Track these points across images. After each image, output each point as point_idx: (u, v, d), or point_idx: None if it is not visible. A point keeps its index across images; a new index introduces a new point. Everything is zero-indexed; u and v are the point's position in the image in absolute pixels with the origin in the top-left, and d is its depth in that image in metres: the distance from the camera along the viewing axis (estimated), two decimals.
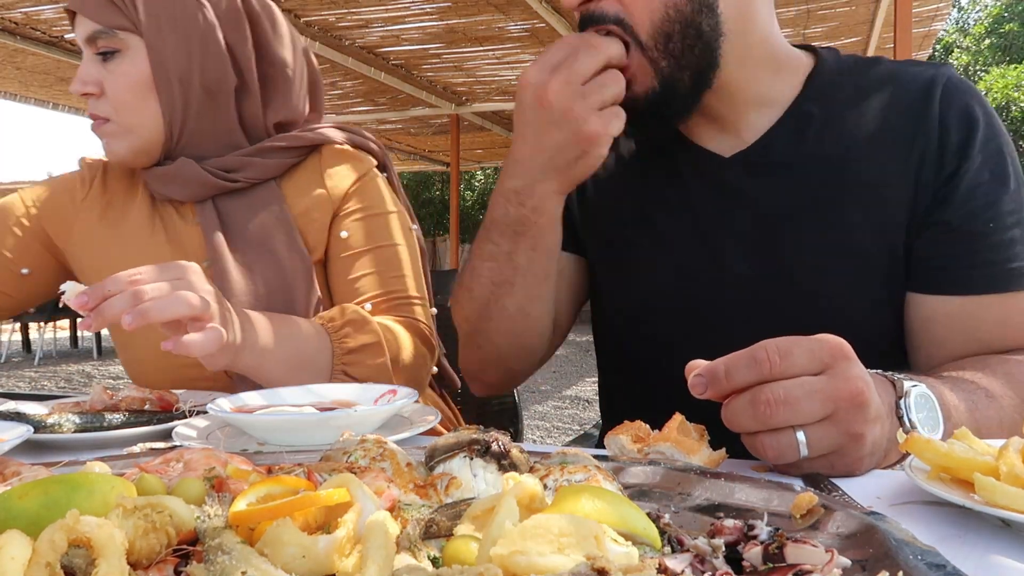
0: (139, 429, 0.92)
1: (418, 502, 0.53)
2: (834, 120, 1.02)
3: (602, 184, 1.17)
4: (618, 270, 1.14)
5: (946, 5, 6.36)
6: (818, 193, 1.00)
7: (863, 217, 0.98)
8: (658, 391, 1.13)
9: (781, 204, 1.02)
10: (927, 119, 0.97)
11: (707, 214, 1.06)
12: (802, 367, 0.66)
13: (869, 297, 0.99)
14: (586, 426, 3.37)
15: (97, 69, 1.24)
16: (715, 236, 1.05)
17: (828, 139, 1.01)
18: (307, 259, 1.27)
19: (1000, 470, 0.56)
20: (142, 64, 1.24)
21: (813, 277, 0.99)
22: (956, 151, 0.96)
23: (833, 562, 0.41)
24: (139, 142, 1.27)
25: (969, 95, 0.99)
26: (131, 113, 1.25)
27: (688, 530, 0.50)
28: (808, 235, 1.00)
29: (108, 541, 0.38)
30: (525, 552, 0.39)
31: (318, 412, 0.90)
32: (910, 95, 1.00)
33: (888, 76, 1.03)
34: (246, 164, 1.30)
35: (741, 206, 1.04)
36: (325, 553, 0.41)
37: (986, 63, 18.92)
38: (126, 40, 1.23)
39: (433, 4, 6.18)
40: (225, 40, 1.29)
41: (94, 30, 1.23)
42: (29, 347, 10.23)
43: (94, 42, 1.23)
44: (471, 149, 12.69)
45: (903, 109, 0.99)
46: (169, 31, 1.24)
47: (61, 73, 7.75)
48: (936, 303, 0.97)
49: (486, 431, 0.60)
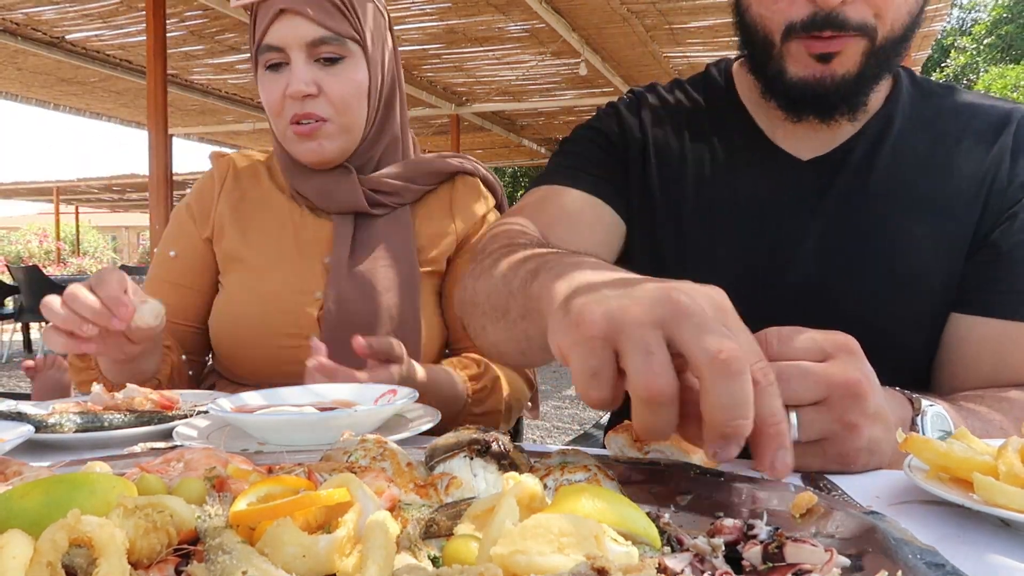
0: (140, 429, 0.92)
1: (418, 502, 0.53)
2: (911, 137, 1.03)
3: (671, 165, 1.12)
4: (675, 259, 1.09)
5: (946, 5, 6.35)
6: (887, 206, 1.00)
7: (928, 234, 0.99)
8: None
9: (850, 213, 1.01)
10: (1000, 149, 1.00)
11: (776, 214, 1.04)
12: (803, 353, 0.66)
13: (917, 316, 0.99)
14: (586, 426, 3.37)
15: (313, 72, 1.26)
16: (780, 238, 1.04)
17: (903, 155, 1.02)
18: (418, 277, 1.34)
19: (999, 470, 0.56)
20: (363, 71, 1.30)
21: (871, 289, 0.99)
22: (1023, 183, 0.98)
23: (832, 561, 0.42)
24: (349, 143, 1.33)
25: None
26: (352, 115, 1.30)
27: (688, 530, 0.50)
28: (871, 245, 1.00)
29: (109, 541, 0.38)
30: (525, 552, 0.39)
31: (318, 412, 0.90)
32: (986, 125, 1.02)
33: (965, 105, 1.05)
34: (398, 189, 1.37)
35: (810, 210, 1.03)
36: (325, 553, 0.41)
37: (985, 63, 18.91)
38: (350, 48, 1.28)
39: (433, 4, 6.18)
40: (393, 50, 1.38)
41: (322, 35, 1.25)
42: (30, 347, 10.22)
43: (317, 47, 1.26)
44: (471, 149, 12.69)
45: (978, 138, 1.01)
46: (375, 40, 1.32)
47: (62, 74, 7.75)
48: (972, 324, 0.97)
49: (486, 431, 0.60)
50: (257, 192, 1.42)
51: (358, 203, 1.34)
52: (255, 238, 1.37)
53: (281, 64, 1.28)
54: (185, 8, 5.99)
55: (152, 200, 5.07)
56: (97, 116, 9.63)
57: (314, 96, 1.26)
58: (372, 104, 1.33)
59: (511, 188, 18.19)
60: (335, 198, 1.35)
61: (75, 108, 9.26)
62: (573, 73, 7.83)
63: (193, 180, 19.64)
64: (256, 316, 1.31)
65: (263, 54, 1.28)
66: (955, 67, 19.55)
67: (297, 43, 1.25)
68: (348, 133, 1.32)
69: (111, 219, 33.64)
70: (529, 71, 8.06)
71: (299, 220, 1.38)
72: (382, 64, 1.34)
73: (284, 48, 1.26)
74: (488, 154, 13.43)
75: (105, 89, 8.37)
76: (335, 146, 1.31)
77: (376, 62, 1.32)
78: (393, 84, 1.39)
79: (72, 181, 17.59)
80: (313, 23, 1.24)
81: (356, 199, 1.34)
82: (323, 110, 1.27)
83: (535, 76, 8.30)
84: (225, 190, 1.42)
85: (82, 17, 6.32)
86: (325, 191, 1.35)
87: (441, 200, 1.42)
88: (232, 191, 1.41)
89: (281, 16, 1.25)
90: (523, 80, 8.47)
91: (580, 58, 7.15)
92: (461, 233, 1.40)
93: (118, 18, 6.35)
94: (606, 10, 6.24)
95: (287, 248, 1.35)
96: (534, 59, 7.58)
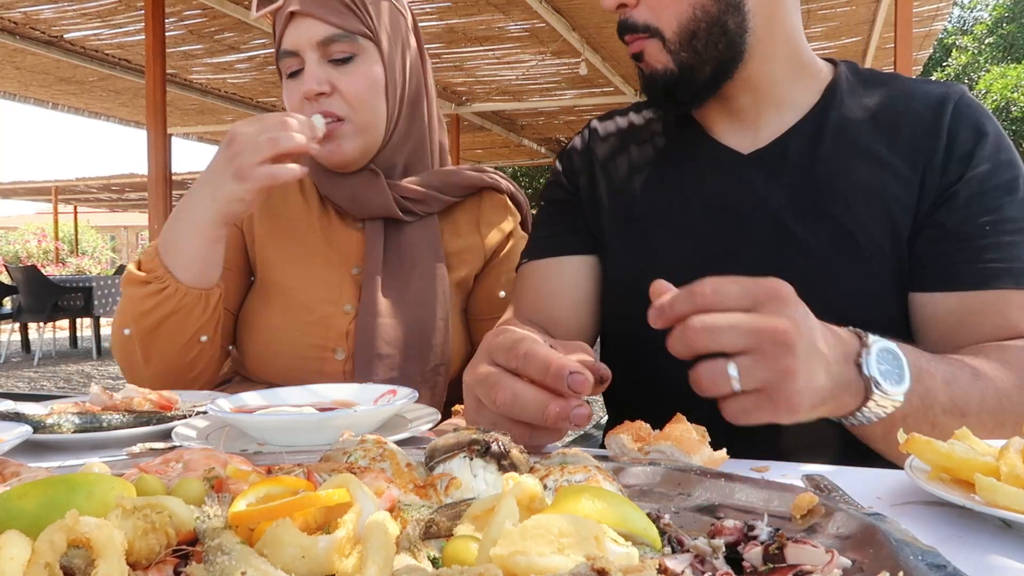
0: (139, 429, 0.92)
1: (418, 502, 0.53)
2: (849, 128, 1.05)
3: (620, 182, 1.18)
4: (633, 265, 1.14)
5: (946, 5, 6.36)
6: (828, 194, 1.03)
7: (870, 218, 1.01)
8: (663, 385, 1.13)
9: (793, 204, 1.04)
10: (937, 129, 1.01)
11: (722, 208, 1.08)
12: (734, 302, 0.69)
13: (877, 297, 1.00)
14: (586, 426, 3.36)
15: (326, 71, 1.26)
16: (730, 232, 1.07)
17: (842, 145, 1.04)
18: (448, 288, 1.33)
19: (1001, 470, 0.56)
20: (378, 68, 1.29)
21: (822, 275, 1.01)
22: (961, 159, 0.99)
23: (833, 562, 0.41)
24: (369, 142, 1.31)
25: (980, 112, 1.03)
26: (368, 112, 1.29)
27: (688, 530, 0.50)
28: (818, 233, 1.02)
29: (107, 541, 0.38)
30: (525, 552, 0.39)
31: (318, 412, 0.90)
32: (923, 108, 1.04)
33: (905, 91, 1.07)
34: (426, 197, 1.36)
35: (755, 203, 1.06)
36: (325, 553, 0.41)
37: (987, 62, 18.91)
38: (363, 45, 1.27)
39: (433, 4, 6.18)
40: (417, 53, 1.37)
41: (332, 34, 1.25)
42: (28, 347, 10.22)
43: (327, 46, 1.25)
44: (471, 149, 12.69)
45: (916, 120, 1.03)
46: (391, 38, 1.31)
47: (60, 73, 7.75)
48: (934, 301, 0.98)
49: (486, 431, 0.60)
50: (285, 198, 1.40)
51: (389, 208, 1.32)
52: (283, 245, 1.35)
53: (300, 71, 1.27)
54: (184, 7, 5.99)
55: (151, 200, 5.07)
56: (96, 115, 9.63)
57: (328, 95, 1.26)
58: (391, 103, 1.31)
59: None
60: (365, 203, 1.33)
61: (74, 107, 9.26)
62: (573, 73, 7.84)
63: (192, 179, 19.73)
64: (282, 326, 1.29)
65: (282, 61, 1.28)
66: (956, 66, 19.55)
67: (309, 44, 1.25)
68: (367, 132, 1.30)
69: (110, 219, 33.65)
70: (529, 71, 8.07)
71: (328, 228, 1.36)
72: (402, 63, 1.33)
73: (298, 51, 1.26)
74: (488, 154, 13.44)
75: (104, 88, 8.37)
76: (355, 146, 1.30)
77: (394, 60, 1.31)
78: (419, 87, 1.37)
79: (71, 181, 17.58)
80: (322, 22, 1.24)
81: (387, 204, 1.32)
82: (339, 108, 1.27)
83: (535, 76, 8.31)
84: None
85: (81, 16, 6.32)
86: (355, 196, 1.33)
87: (468, 214, 1.41)
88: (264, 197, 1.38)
89: (293, 20, 1.25)
90: (523, 80, 8.48)
91: (580, 58, 7.15)
92: (488, 249, 1.39)
93: (117, 17, 6.35)
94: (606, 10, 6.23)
95: (316, 257, 1.34)
96: (534, 59, 7.59)
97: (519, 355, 0.72)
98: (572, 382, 0.69)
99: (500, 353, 0.75)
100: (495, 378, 0.72)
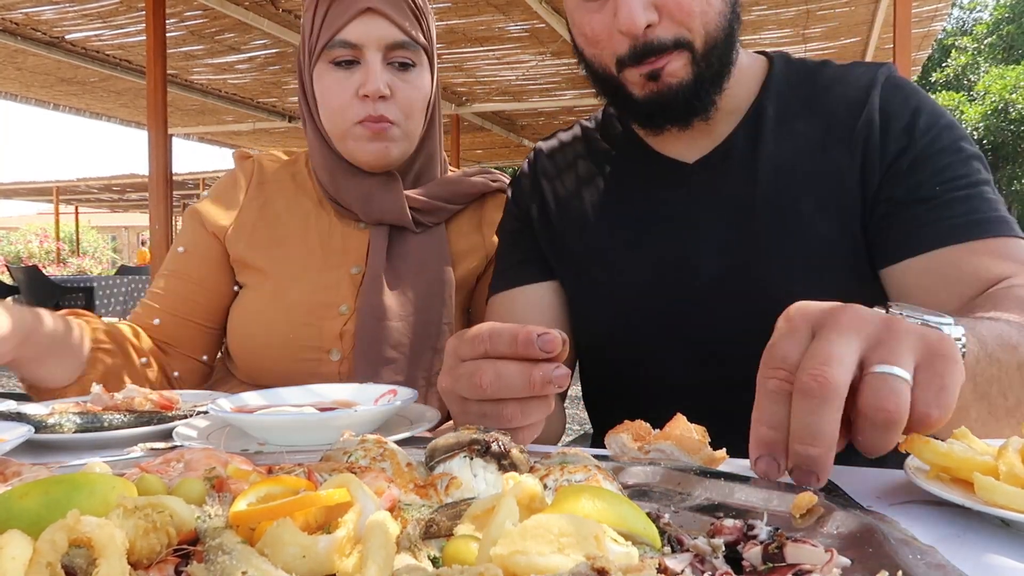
0: (139, 429, 0.92)
1: (418, 502, 0.53)
2: (787, 120, 1.07)
3: (569, 203, 1.20)
4: (593, 283, 1.16)
5: (946, 5, 6.35)
6: (775, 189, 1.04)
7: (818, 207, 1.02)
8: (642, 395, 1.14)
9: (743, 204, 1.05)
10: (869, 109, 1.03)
11: (676, 219, 1.09)
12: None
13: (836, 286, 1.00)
14: (586, 426, 3.37)
15: (388, 75, 1.27)
16: (685, 240, 1.08)
17: (782, 138, 1.06)
18: (453, 295, 1.33)
19: (1000, 470, 0.56)
20: (428, 79, 1.32)
21: (780, 270, 1.03)
22: (899, 134, 1.01)
23: (832, 562, 0.42)
24: (407, 151, 1.33)
25: (909, 86, 1.06)
26: (415, 123, 1.32)
27: (688, 530, 0.50)
28: (770, 229, 1.03)
29: (109, 541, 0.38)
30: (525, 552, 0.39)
31: (318, 412, 0.90)
32: (854, 91, 1.05)
33: (837, 76, 1.09)
34: (437, 208, 1.37)
35: (707, 208, 1.07)
36: (325, 553, 0.41)
37: (986, 63, 18.89)
38: (421, 56, 1.29)
39: (433, 4, 6.17)
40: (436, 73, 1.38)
41: (402, 40, 1.26)
42: None
43: (394, 50, 1.26)
44: (471, 149, 12.68)
45: (850, 104, 1.05)
46: (433, 55, 1.33)
47: (62, 74, 7.74)
48: (903, 270, 0.99)
49: (486, 431, 0.60)
50: (282, 196, 1.39)
51: (402, 214, 1.32)
52: (279, 245, 1.34)
53: (352, 63, 1.26)
54: (185, 8, 5.98)
55: (152, 200, 5.07)
56: (97, 116, 9.62)
57: (387, 99, 1.26)
58: (427, 116, 1.34)
59: None
60: (378, 206, 1.32)
61: (75, 108, 9.25)
62: (573, 73, 7.83)
63: (193, 180, 19.52)
64: (276, 328, 1.28)
65: (333, 49, 1.26)
66: (956, 67, 19.53)
67: (376, 43, 1.25)
68: (408, 141, 1.32)
69: (111, 219, 33.65)
70: (529, 71, 8.06)
71: (327, 228, 1.35)
72: (434, 78, 1.35)
73: (362, 46, 1.25)
74: (488, 154, 13.43)
75: (105, 89, 8.37)
76: (399, 151, 1.31)
77: (434, 75, 1.34)
78: (437, 103, 1.39)
79: (72, 181, 17.58)
80: (394, 26, 1.25)
81: (401, 210, 1.32)
82: (393, 114, 1.27)
83: (535, 76, 8.30)
84: (250, 195, 1.39)
85: (82, 17, 6.32)
86: (369, 197, 1.32)
87: (471, 217, 1.42)
88: (257, 196, 1.39)
89: (364, 15, 1.24)
90: (523, 80, 8.47)
91: None
92: (491, 249, 1.39)
93: (118, 18, 6.34)
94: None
95: (312, 257, 1.33)
96: (534, 59, 7.58)
97: (484, 338, 0.71)
98: (543, 343, 0.68)
99: (465, 347, 0.73)
100: (471, 367, 0.72)
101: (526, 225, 1.24)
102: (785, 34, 6.42)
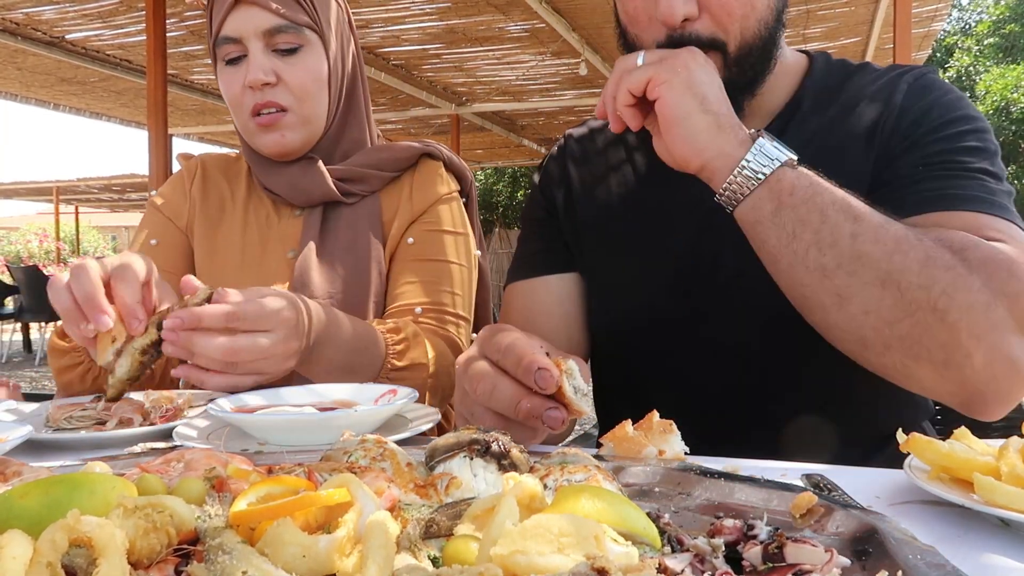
0: (139, 429, 0.92)
1: (418, 502, 0.53)
2: (817, 121, 1.06)
3: (595, 190, 1.20)
4: (614, 273, 1.16)
5: (946, 5, 6.35)
6: None
7: None
8: (655, 391, 1.14)
9: None
10: (891, 104, 1.02)
11: (697, 213, 1.08)
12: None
13: None
14: (586, 426, 3.37)
15: (272, 62, 1.27)
16: (706, 235, 1.07)
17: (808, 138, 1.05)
18: (383, 268, 1.34)
19: (1000, 470, 0.57)
20: (322, 60, 1.31)
21: None
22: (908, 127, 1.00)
23: (832, 562, 0.42)
24: (311, 134, 1.33)
25: (938, 88, 1.04)
26: (312, 104, 1.31)
27: (688, 530, 0.50)
28: None
29: (109, 541, 0.38)
30: (525, 552, 0.39)
31: (318, 412, 0.90)
32: (881, 86, 1.05)
33: (871, 76, 1.08)
34: (366, 176, 1.37)
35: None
36: (325, 553, 0.41)
37: (988, 63, 18.89)
38: (308, 36, 1.28)
39: (433, 4, 6.18)
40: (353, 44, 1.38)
41: (279, 24, 1.26)
42: (30, 347, 10.22)
43: (274, 36, 1.26)
44: (471, 149, 12.68)
45: (873, 99, 1.04)
46: (333, 30, 1.32)
47: (62, 73, 7.74)
48: None
49: (486, 431, 0.60)
50: (224, 192, 1.43)
51: (328, 192, 1.34)
52: (222, 238, 1.38)
53: (240, 57, 1.28)
54: (185, 8, 5.98)
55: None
56: (97, 116, 9.62)
57: (273, 85, 1.27)
58: (333, 95, 1.34)
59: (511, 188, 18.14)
60: (305, 190, 1.35)
61: (75, 108, 9.24)
62: (573, 73, 7.83)
63: None
64: None
65: (221, 47, 1.29)
66: (958, 67, 19.53)
67: (254, 32, 1.26)
68: (309, 124, 1.32)
69: (111, 219, 33.63)
70: (529, 71, 8.06)
71: (264, 218, 1.39)
72: (342, 55, 1.35)
73: (241, 39, 1.26)
74: (488, 154, 13.43)
75: (105, 89, 8.36)
76: (297, 137, 1.32)
77: (336, 54, 1.33)
78: (356, 79, 1.39)
79: (72, 181, 17.56)
80: (269, 12, 1.25)
81: (326, 188, 1.34)
82: (283, 99, 1.28)
83: (535, 76, 8.30)
84: (193, 191, 1.43)
85: (82, 17, 6.31)
86: (294, 184, 1.35)
87: (403, 184, 1.42)
88: (199, 192, 1.43)
89: (237, 7, 1.26)
90: (523, 80, 8.46)
91: (580, 58, 7.14)
92: (416, 212, 1.38)
93: (118, 18, 6.34)
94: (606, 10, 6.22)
95: (252, 246, 1.37)
96: (534, 59, 7.58)
97: (501, 348, 0.73)
98: (539, 378, 0.69)
99: (489, 346, 0.76)
100: (480, 369, 0.74)
101: (550, 213, 1.24)
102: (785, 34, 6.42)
